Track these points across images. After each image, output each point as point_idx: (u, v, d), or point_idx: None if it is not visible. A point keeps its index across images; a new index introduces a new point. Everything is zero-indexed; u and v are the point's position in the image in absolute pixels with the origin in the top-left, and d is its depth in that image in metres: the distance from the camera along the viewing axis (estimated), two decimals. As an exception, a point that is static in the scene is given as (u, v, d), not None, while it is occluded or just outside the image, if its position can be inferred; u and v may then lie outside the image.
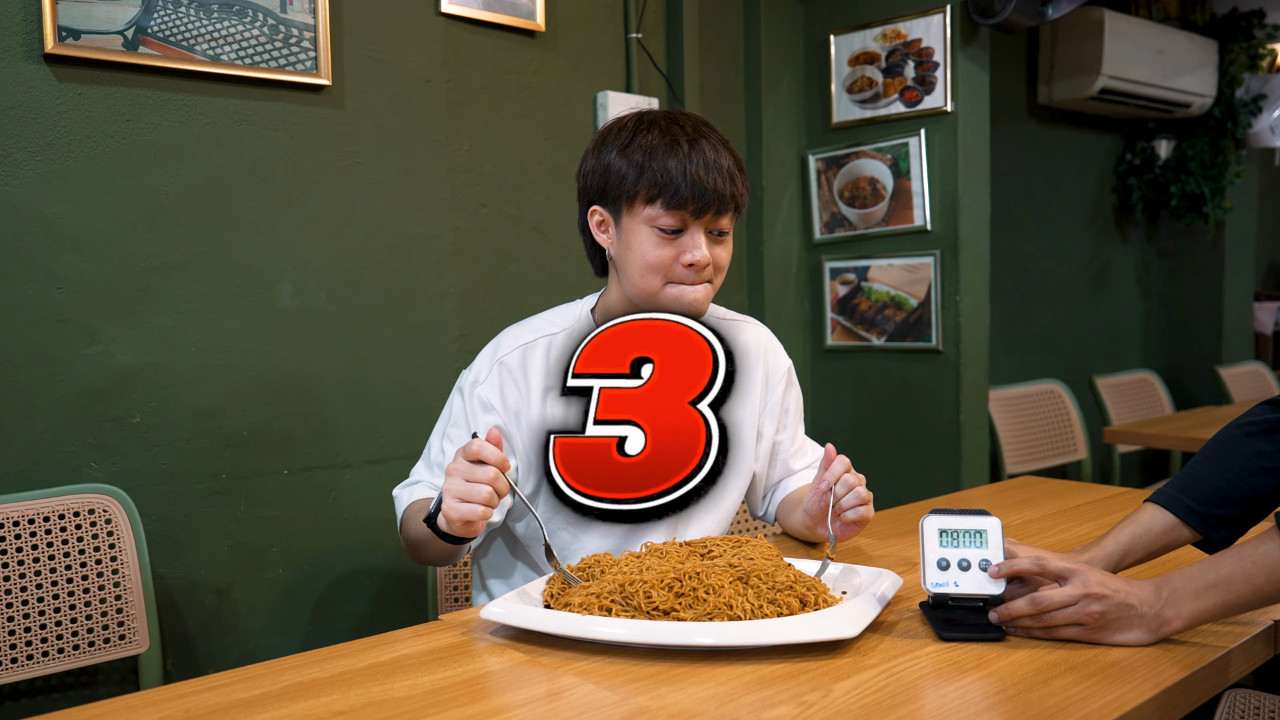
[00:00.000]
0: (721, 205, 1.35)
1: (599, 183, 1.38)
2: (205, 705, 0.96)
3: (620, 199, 1.36)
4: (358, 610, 2.18)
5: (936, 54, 2.74)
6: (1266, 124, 4.26)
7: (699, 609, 1.09)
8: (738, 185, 1.37)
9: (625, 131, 1.37)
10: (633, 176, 1.34)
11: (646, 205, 1.34)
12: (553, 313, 1.50)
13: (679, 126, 1.36)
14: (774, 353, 1.57)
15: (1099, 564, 1.21)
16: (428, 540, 1.29)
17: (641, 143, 1.34)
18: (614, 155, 1.36)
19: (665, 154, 1.33)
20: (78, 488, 1.70)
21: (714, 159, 1.34)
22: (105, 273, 1.84)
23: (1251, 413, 1.24)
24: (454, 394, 1.47)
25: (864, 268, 2.94)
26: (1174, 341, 4.61)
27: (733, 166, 1.36)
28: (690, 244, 1.35)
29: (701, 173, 1.32)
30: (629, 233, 1.37)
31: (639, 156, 1.34)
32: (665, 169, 1.32)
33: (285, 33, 2.00)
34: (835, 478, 1.32)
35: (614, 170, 1.36)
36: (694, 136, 1.35)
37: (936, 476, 2.85)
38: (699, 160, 1.33)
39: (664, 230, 1.34)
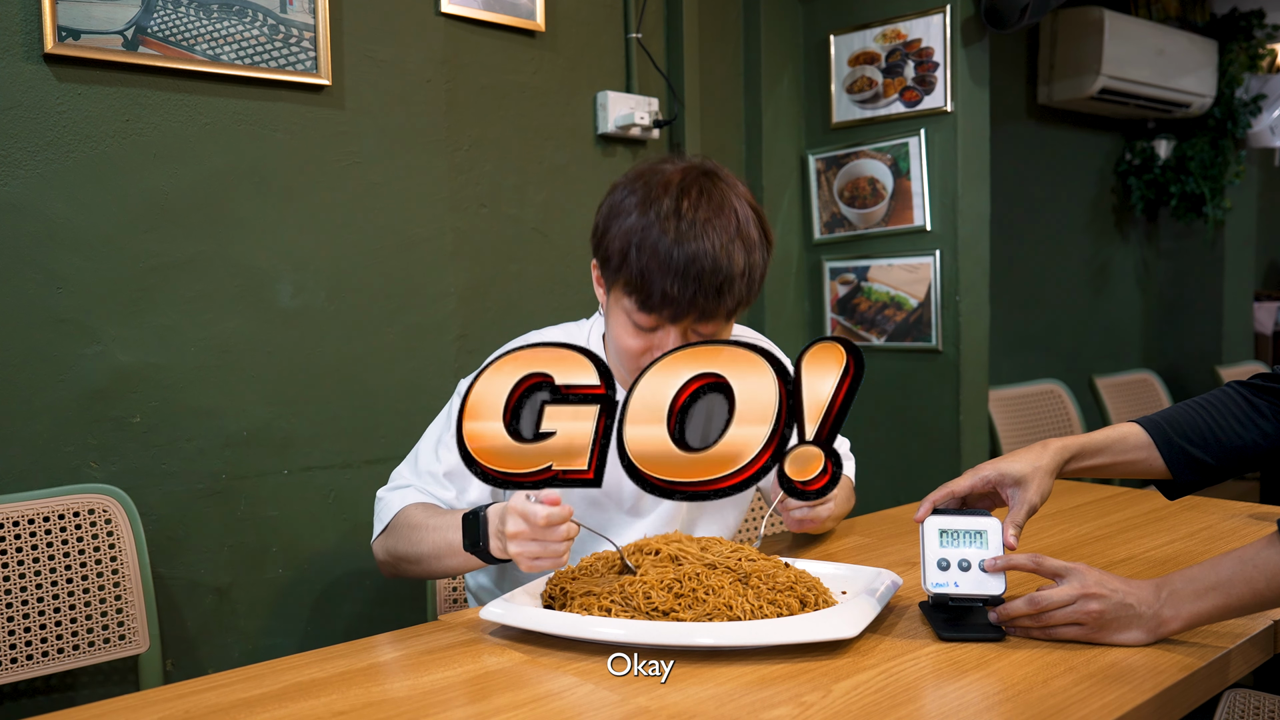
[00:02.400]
0: (703, 314, 1.23)
1: (598, 241, 1.29)
2: (205, 705, 0.96)
3: (606, 273, 1.28)
4: (358, 610, 2.18)
5: (936, 54, 2.74)
6: (1266, 124, 4.26)
7: (699, 609, 1.09)
8: (733, 293, 1.22)
9: (635, 196, 1.25)
10: (616, 261, 1.24)
11: (624, 295, 1.25)
12: (569, 326, 1.46)
13: (691, 208, 1.21)
14: None
15: (1068, 451, 1.22)
16: (456, 557, 1.23)
17: (639, 223, 1.22)
18: (616, 222, 1.25)
19: (654, 248, 1.20)
20: (78, 488, 1.70)
21: (712, 261, 1.19)
22: (105, 273, 1.84)
23: (1254, 377, 1.25)
24: (455, 400, 1.43)
25: (864, 268, 2.94)
26: (1174, 341, 4.61)
27: (736, 268, 1.21)
28: (661, 343, 1.25)
29: (683, 282, 1.19)
30: (611, 308, 1.31)
31: (632, 239, 1.22)
32: (646, 269, 1.20)
33: (285, 33, 2.00)
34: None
35: (609, 239, 1.26)
36: (702, 225, 1.20)
37: (936, 477, 2.85)
38: (691, 261, 1.19)
39: (637, 325, 1.26)
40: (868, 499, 1.45)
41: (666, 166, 1.27)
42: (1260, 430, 1.20)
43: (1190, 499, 1.78)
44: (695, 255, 1.19)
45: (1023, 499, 1.19)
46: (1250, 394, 1.22)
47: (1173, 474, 1.23)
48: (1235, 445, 1.20)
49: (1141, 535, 1.54)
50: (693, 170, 1.26)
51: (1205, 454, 1.21)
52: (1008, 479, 1.20)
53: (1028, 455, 1.22)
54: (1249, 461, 1.20)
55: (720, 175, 1.27)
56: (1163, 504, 1.76)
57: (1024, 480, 1.19)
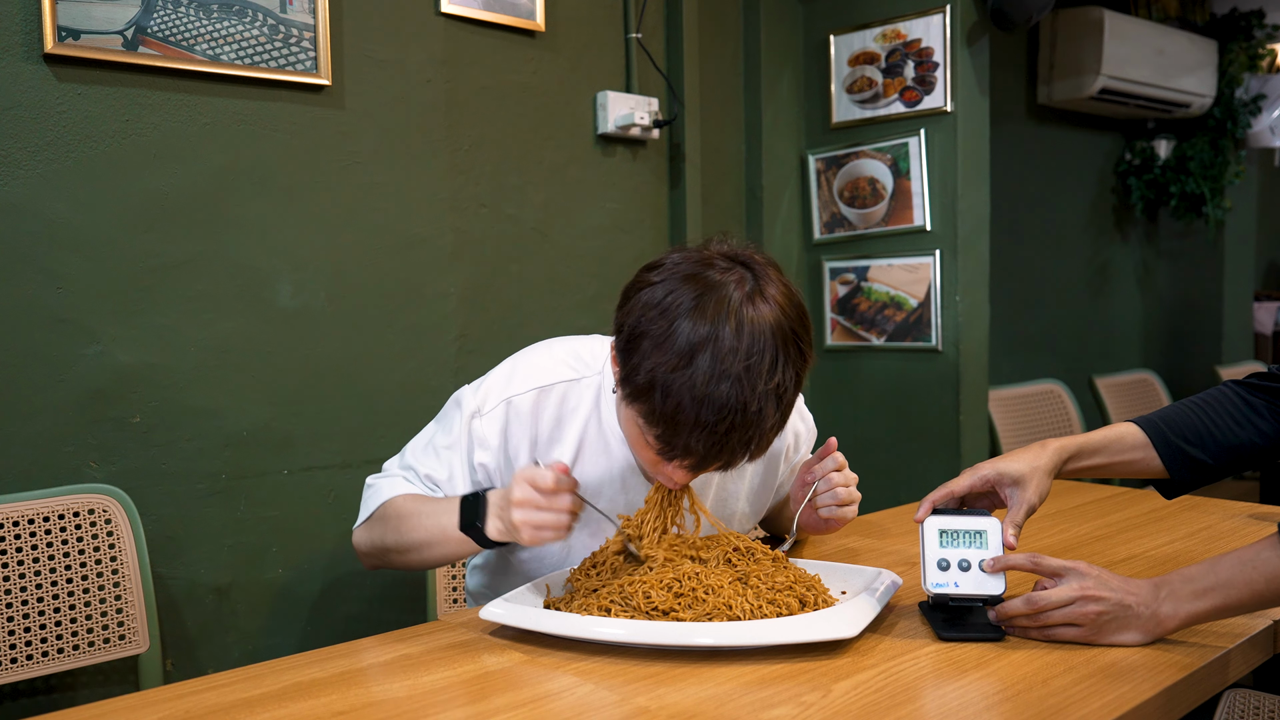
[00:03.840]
0: (727, 464, 1.14)
1: (622, 345, 1.14)
2: (205, 705, 0.96)
3: (624, 388, 1.14)
4: (358, 610, 2.18)
5: (936, 54, 2.74)
6: (1266, 124, 4.26)
7: (698, 609, 1.09)
8: (760, 447, 1.12)
9: (668, 314, 1.09)
10: (640, 387, 1.10)
11: (642, 419, 1.13)
12: (572, 351, 1.38)
13: (726, 347, 1.06)
14: (803, 415, 1.51)
15: (1066, 451, 1.23)
16: (449, 542, 1.22)
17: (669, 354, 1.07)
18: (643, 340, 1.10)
19: (679, 398, 1.06)
20: (78, 488, 1.70)
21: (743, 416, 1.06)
22: (105, 273, 1.84)
23: (1250, 376, 1.25)
24: (453, 408, 1.38)
25: (864, 268, 2.94)
26: (1174, 341, 4.61)
27: (767, 423, 1.09)
28: (674, 470, 1.16)
29: (710, 438, 1.08)
30: (624, 409, 1.19)
31: (658, 373, 1.08)
32: (667, 416, 1.08)
33: (285, 33, 2.00)
34: (822, 474, 1.32)
35: (634, 354, 1.11)
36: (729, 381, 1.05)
37: (936, 477, 2.85)
38: (721, 417, 1.06)
39: (648, 443, 1.15)
40: (868, 499, 1.44)
41: (713, 275, 1.11)
42: (1256, 429, 1.20)
43: (1190, 499, 1.78)
44: (725, 412, 1.06)
45: (1021, 499, 1.19)
46: (1246, 393, 1.23)
47: (1170, 473, 1.23)
48: (1232, 444, 1.20)
49: (1141, 535, 1.54)
50: (738, 287, 1.10)
51: (1202, 453, 1.21)
52: (1006, 479, 1.20)
53: (1026, 455, 1.22)
54: (1246, 460, 1.21)
55: (761, 287, 1.12)
56: (1163, 504, 1.76)
57: (1022, 480, 1.19)
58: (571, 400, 1.33)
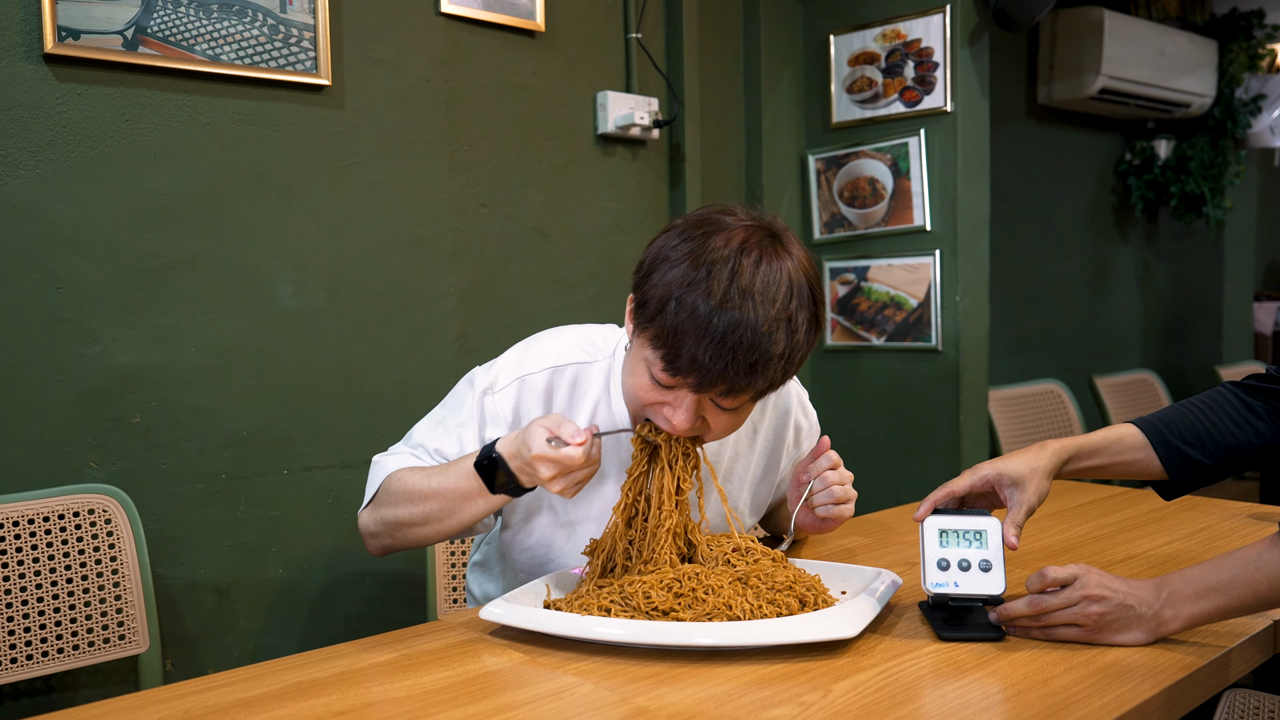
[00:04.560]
0: (730, 389, 1.12)
1: (639, 279, 1.18)
2: (205, 705, 0.96)
3: (638, 316, 1.17)
4: (358, 610, 2.18)
5: (936, 54, 2.74)
6: (1266, 124, 4.26)
7: (698, 609, 1.09)
8: (765, 374, 1.12)
9: (690, 244, 1.13)
10: (652, 310, 1.12)
11: (650, 347, 1.14)
12: (586, 336, 1.39)
13: (744, 272, 1.10)
14: (806, 411, 1.52)
15: (1065, 452, 1.23)
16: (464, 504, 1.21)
17: (686, 276, 1.10)
18: (662, 269, 1.14)
19: (694, 307, 1.09)
20: (78, 488, 1.70)
21: (752, 335, 1.08)
22: (105, 273, 1.84)
23: (1248, 377, 1.26)
24: (465, 387, 1.36)
25: (864, 268, 2.94)
26: (1174, 341, 4.61)
27: (775, 349, 1.10)
28: (676, 404, 1.16)
29: (716, 351, 1.08)
30: (633, 352, 1.20)
31: (673, 292, 1.10)
32: (680, 328, 1.09)
33: (285, 33, 2.00)
34: (817, 473, 1.33)
35: (650, 285, 1.14)
36: (752, 295, 1.08)
37: (936, 476, 2.85)
38: (729, 331, 1.07)
39: (656, 380, 1.16)
40: (867, 499, 1.44)
41: (729, 219, 1.15)
42: (1255, 430, 1.20)
43: (1190, 499, 1.78)
44: (735, 325, 1.08)
45: (1021, 499, 1.19)
46: (1245, 394, 1.23)
47: (1169, 474, 1.23)
48: (1231, 445, 1.21)
49: (1141, 535, 1.54)
50: (757, 231, 1.14)
51: (1201, 454, 1.21)
52: (1005, 479, 1.20)
53: (1025, 456, 1.22)
54: (1244, 461, 1.21)
55: (784, 242, 1.15)
56: (1162, 504, 1.76)
57: (1022, 481, 1.20)
58: (583, 383, 1.34)
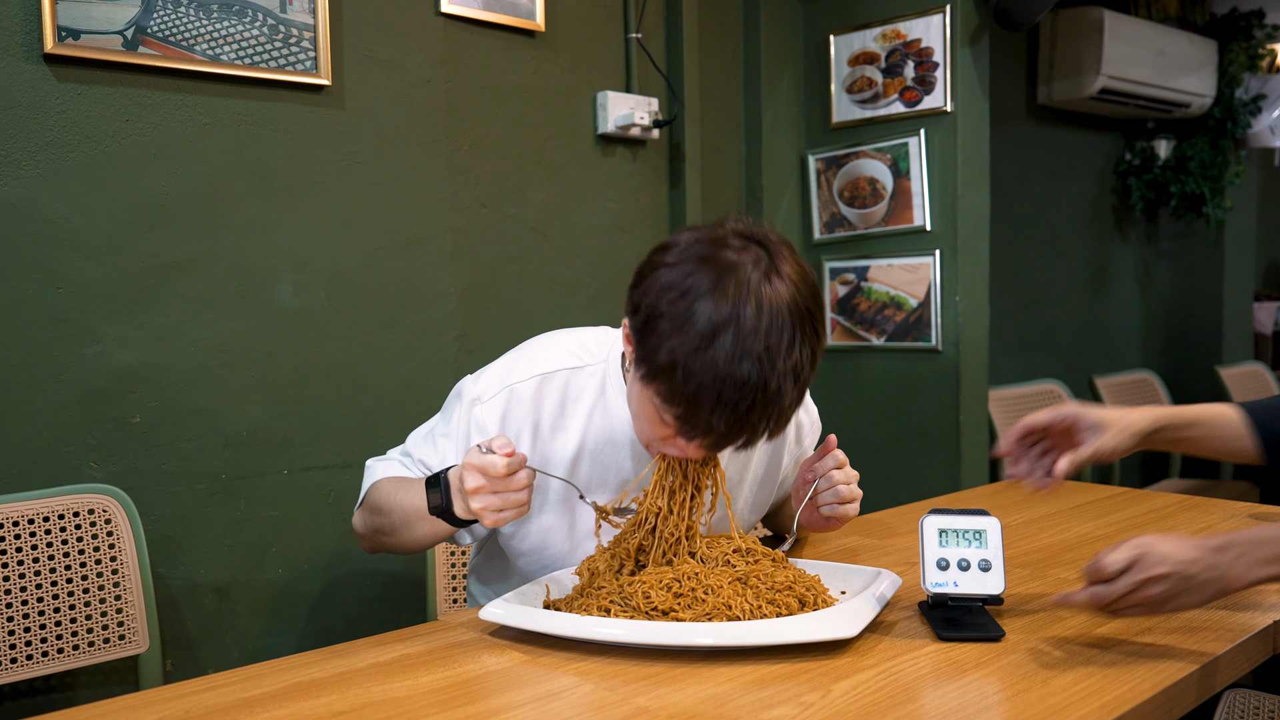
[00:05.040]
0: (745, 444, 1.13)
1: (638, 326, 1.12)
2: (205, 705, 0.97)
3: (640, 367, 1.13)
4: (358, 610, 2.19)
5: (936, 54, 2.74)
6: (1266, 124, 4.26)
7: (698, 609, 1.09)
8: (779, 426, 1.12)
9: (688, 295, 1.08)
10: (659, 367, 1.09)
11: (659, 399, 1.11)
12: (579, 340, 1.38)
13: (747, 326, 1.06)
14: (806, 407, 1.52)
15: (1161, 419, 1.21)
16: (423, 523, 1.23)
17: (690, 335, 1.06)
18: (661, 321, 1.09)
19: (699, 379, 1.06)
20: (78, 488, 1.70)
21: (763, 395, 1.07)
22: (105, 273, 1.84)
23: None
24: (455, 398, 1.38)
25: (863, 268, 2.94)
26: (1173, 341, 4.61)
27: (785, 402, 1.09)
28: (685, 447, 1.15)
29: (730, 417, 1.07)
30: (637, 388, 1.16)
31: (679, 353, 1.06)
32: (688, 396, 1.07)
33: (285, 33, 2.00)
34: (823, 472, 1.32)
35: (651, 335, 1.10)
36: (751, 362, 1.05)
37: (936, 476, 2.85)
38: (740, 401, 1.06)
39: (665, 423, 1.13)
40: (868, 499, 1.44)
41: (728, 255, 1.10)
42: None
43: (1190, 499, 1.78)
44: (745, 391, 1.06)
45: (1093, 441, 1.17)
46: None
47: (1268, 459, 1.22)
48: None
49: (1142, 535, 1.54)
50: (755, 266, 1.10)
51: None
52: (1086, 420, 1.19)
53: (1118, 410, 1.21)
54: None
55: (777, 263, 1.12)
56: (1162, 504, 1.76)
57: (1102, 425, 1.18)
58: (575, 388, 1.33)
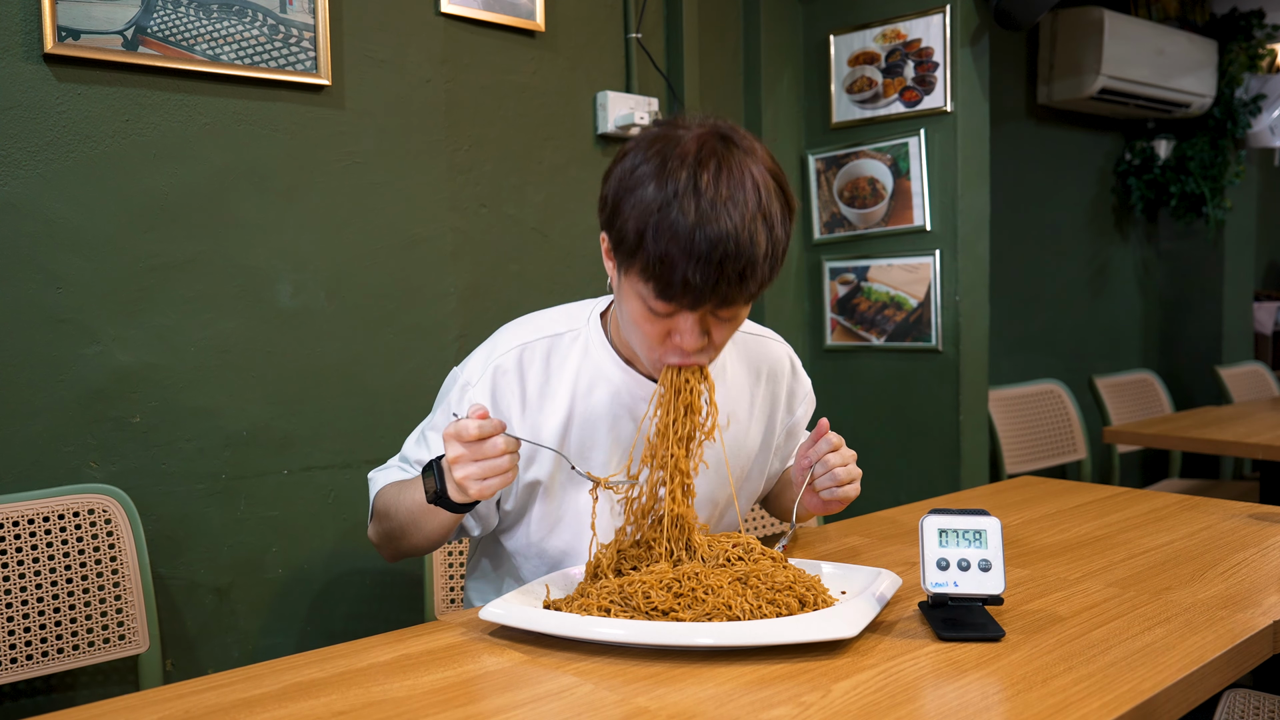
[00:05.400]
0: (725, 300, 1.14)
1: (607, 216, 1.17)
2: (205, 705, 0.96)
3: (618, 254, 1.17)
4: (357, 610, 2.19)
5: (936, 54, 2.74)
6: (1266, 124, 4.26)
7: (698, 609, 1.09)
8: (755, 277, 1.13)
9: (649, 165, 1.12)
10: (631, 244, 1.12)
11: (639, 280, 1.14)
12: (558, 311, 1.41)
13: (711, 182, 1.10)
14: (797, 375, 1.53)
15: None
16: (427, 517, 1.23)
17: (656, 200, 1.10)
18: (629, 198, 1.13)
19: (673, 231, 1.09)
20: (78, 488, 1.70)
21: (735, 244, 1.08)
22: (105, 273, 1.85)
23: None
24: (444, 391, 1.39)
25: (863, 268, 2.94)
26: (1174, 341, 4.61)
27: (759, 250, 1.11)
28: (680, 327, 1.17)
29: (705, 268, 1.09)
30: (624, 289, 1.20)
31: (649, 220, 1.10)
32: (665, 255, 1.09)
33: (285, 33, 2.00)
34: (818, 457, 1.33)
35: (623, 219, 1.14)
36: (724, 203, 1.09)
37: (936, 476, 2.85)
38: (713, 246, 1.08)
39: (653, 310, 1.16)
40: (868, 499, 1.45)
41: (681, 132, 1.15)
42: None
43: (1190, 499, 1.78)
44: (718, 238, 1.08)
45: None
46: None
47: None
48: None
49: (1141, 535, 1.54)
50: (710, 136, 1.15)
51: None
52: None
53: None
54: None
55: (737, 140, 1.17)
56: (1163, 504, 1.76)
57: None
58: (559, 354, 1.34)
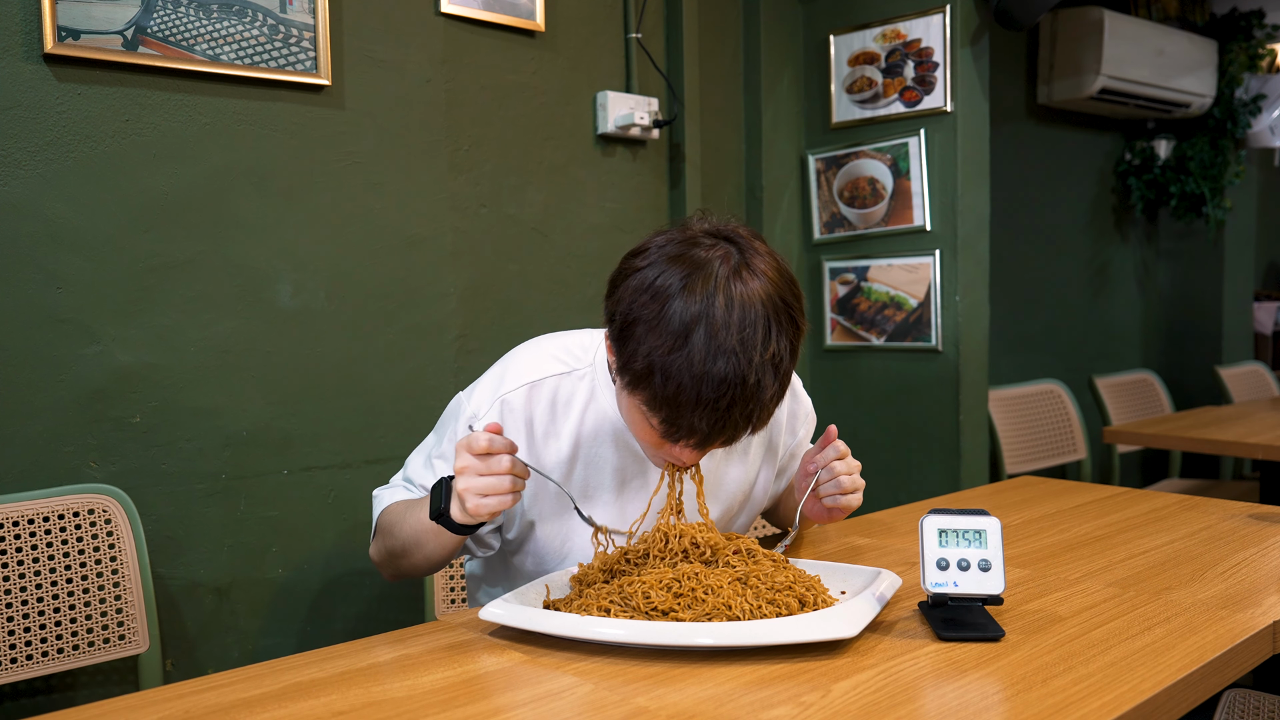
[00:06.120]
0: (730, 440, 1.14)
1: (615, 335, 1.15)
2: (205, 705, 0.96)
3: (622, 375, 1.15)
4: (357, 610, 2.19)
5: (936, 54, 2.74)
6: (1266, 124, 4.26)
7: (698, 609, 1.09)
8: (761, 419, 1.13)
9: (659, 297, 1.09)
10: (638, 374, 1.11)
11: (644, 406, 1.13)
12: (572, 341, 1.39)
13: (718, 323, 1.07)
14: (796, 396, 1.52)
15: None
16: (429, 537, 1.24)
17: (664, 337, 1.08)
18: (636, 326, 1.10)
19: (678, 380, 1.07)
20: (78, 488, 1.70)
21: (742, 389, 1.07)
22: (105, 273, 1.85)
23: None
24: (450, 417, 1.38)
25: (863, 268, 2.94)
26: (1174, 341, 4.61)
27: (767, 394, 1.10)
28: (680, 451, 1.18)
29: (711, 416, 1.08)
30: (623, 395, 1.19)
31: (655, 357, 1.08)
32: (672, 396, 1.08)
33: (285, 33, 2.00)
34: (824, 463, 1.33)
35: (629, 344, 1.12)
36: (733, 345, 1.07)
37: (936, 476, 2.85)
38: (720, 393, 1.07)
39: (654, 428, 1.15)
40: (867, 499, 1.44)
41: (698, 253, 1.12)
42: None
43: (1190, 499, 1.78)
44: (724, 387, 1.07)
45: None
46: None
47: None
48: None
49: (1141, 535, 1.54)
50: (725, 261, 1.12)
51: None
52: None
53: None
54: None
55: (748, 258, 1.13)
56: (1163, 504, 1.76)
57: None
58: (564, 393, 1.33)
